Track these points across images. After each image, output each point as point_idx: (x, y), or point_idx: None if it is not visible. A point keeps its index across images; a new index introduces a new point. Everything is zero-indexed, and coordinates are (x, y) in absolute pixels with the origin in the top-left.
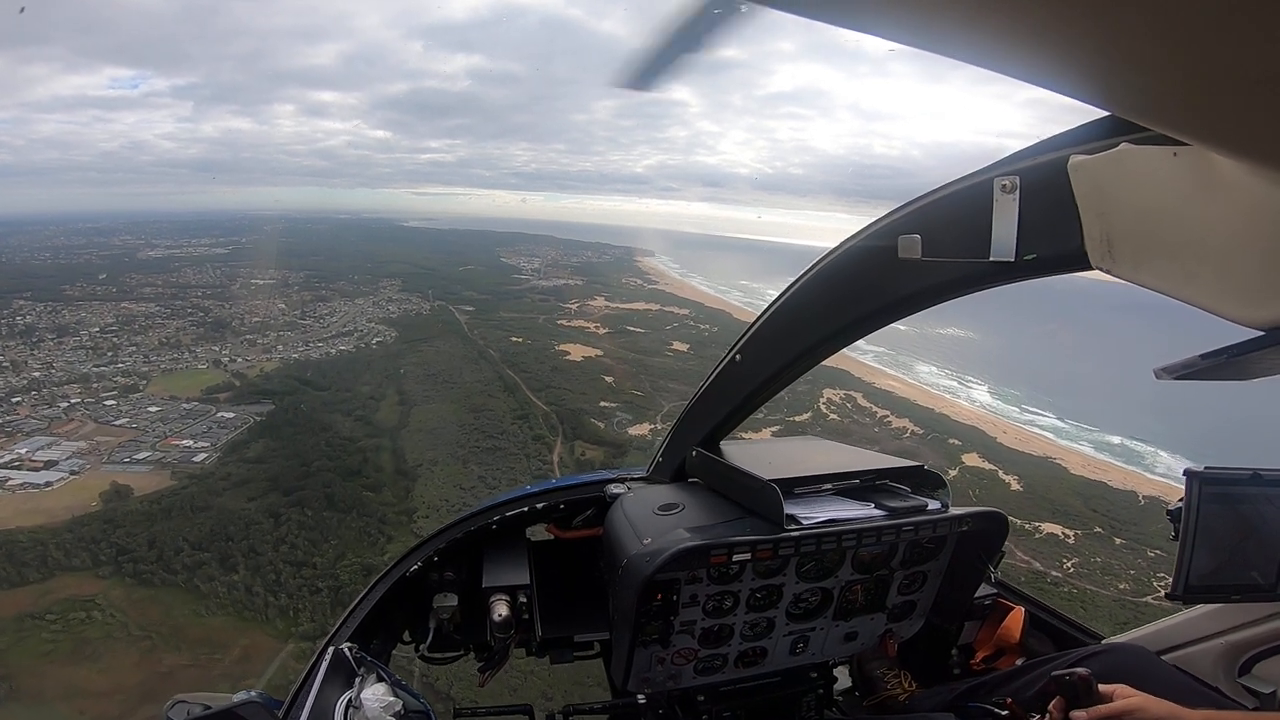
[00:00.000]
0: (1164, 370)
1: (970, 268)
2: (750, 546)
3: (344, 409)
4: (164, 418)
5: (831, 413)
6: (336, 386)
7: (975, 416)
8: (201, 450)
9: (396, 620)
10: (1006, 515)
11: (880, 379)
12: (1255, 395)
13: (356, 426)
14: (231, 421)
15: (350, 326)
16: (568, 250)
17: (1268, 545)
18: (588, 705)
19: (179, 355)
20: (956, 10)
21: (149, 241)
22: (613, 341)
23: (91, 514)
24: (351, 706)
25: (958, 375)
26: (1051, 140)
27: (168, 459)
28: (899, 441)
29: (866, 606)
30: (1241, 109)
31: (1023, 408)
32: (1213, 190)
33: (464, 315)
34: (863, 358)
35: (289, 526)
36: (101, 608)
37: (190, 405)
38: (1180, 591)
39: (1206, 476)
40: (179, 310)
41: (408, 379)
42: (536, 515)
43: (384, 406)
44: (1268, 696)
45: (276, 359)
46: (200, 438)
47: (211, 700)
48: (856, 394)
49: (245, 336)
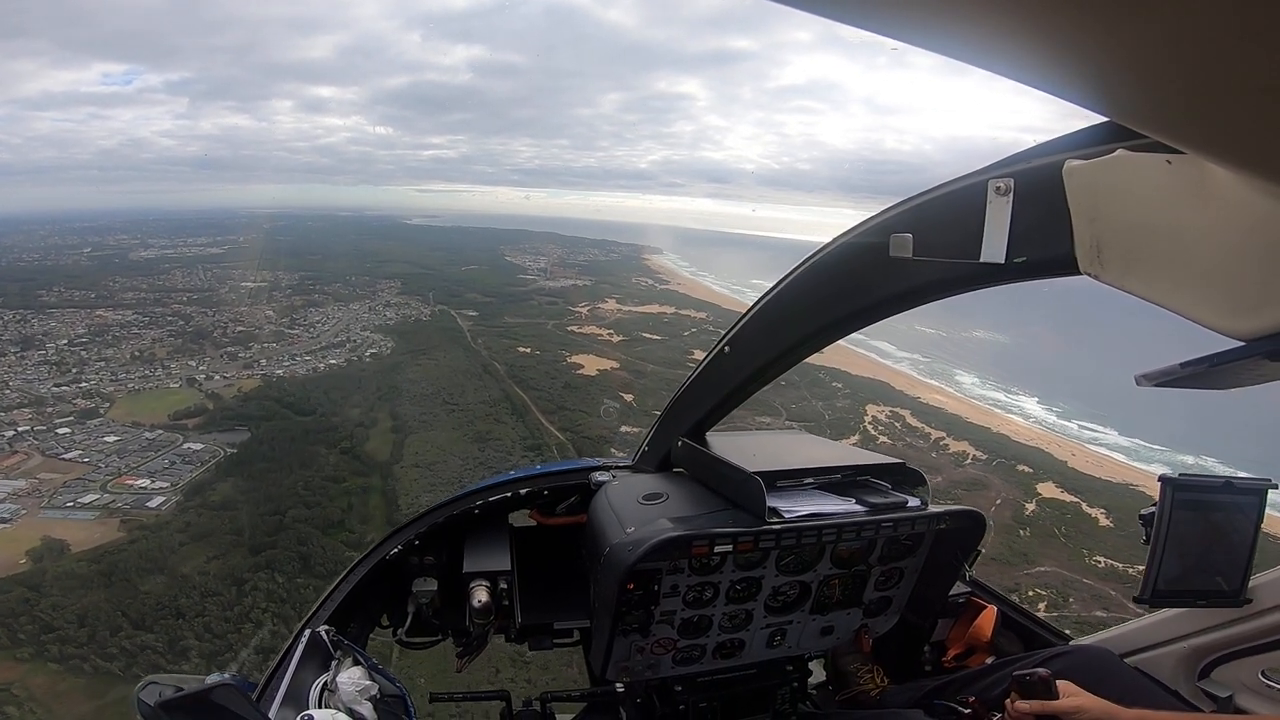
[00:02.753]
0: (1144, 377)
1: (960, 269)
2: (732, 538)
3: (329, 439)
4: (122, 449)
5: (880, 433)
6: (323, 410)
7: (1035, 435)
8: (159, 492)
9: (375, 604)
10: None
11: (924, 392)
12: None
13: (342, 463)
14: (198, 455)
15: (342, 336)
16: (573, 248)
17: (1234, 552)
18: (565, 693)
19: (151, 372)
20: (960, 11)
21: (144, 240)
22: (628, 351)
23: (16, 576)
24: (327, 689)
25: (1002, 386)
26: (1048, 144)
27: (118, 503)
28: (963, 469)
29: (843, 601)
30: (1243, 118)
31: (1079, 423)
32: (1204, 200)
33: (467, 321)
34: (897, 365)
35: (255, 597)
36: (18, 700)
37: (154, 434)
38: (1148, 595)
39: (1180, 483)
40: (158, 319)
41: (403, 399)
42: (520, 501)
43: (375, 435)
44: (1224, 700)
45: (258, 376)
46: (159, 476)
47: (183, 682)
48: (904, 411)
49: (226, 349)
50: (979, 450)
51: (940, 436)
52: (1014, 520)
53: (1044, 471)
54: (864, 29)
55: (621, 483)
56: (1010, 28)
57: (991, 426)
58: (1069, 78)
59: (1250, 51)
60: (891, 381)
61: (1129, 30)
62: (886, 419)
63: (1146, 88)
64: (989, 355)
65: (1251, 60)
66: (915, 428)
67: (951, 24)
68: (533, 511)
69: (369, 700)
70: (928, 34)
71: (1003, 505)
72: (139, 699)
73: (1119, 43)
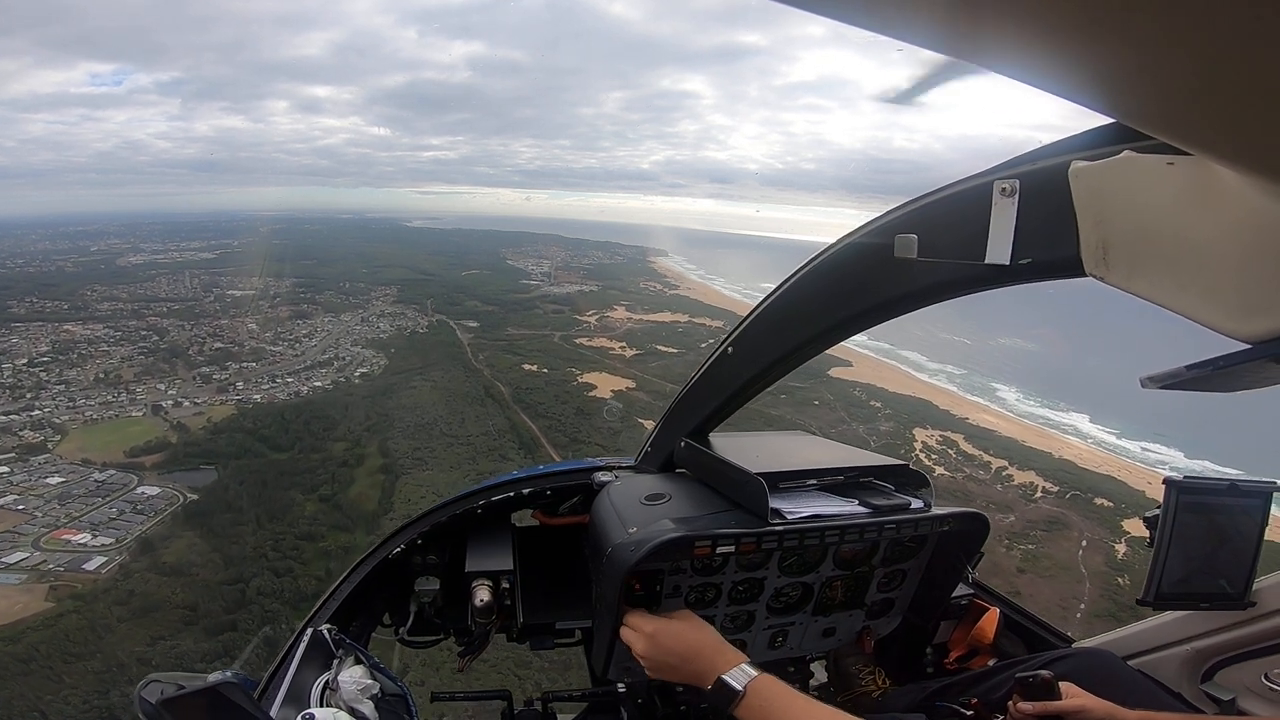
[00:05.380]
0: (1150, 380)
1: (965, 270)
2: (734, 539)
3: (307, 482)
4: (65, 494)
5: (935, 463)
6: (302, 444)
7: (1100, 460)
8: (100, 550)
9: (377, 603)
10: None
11: (970, 411)
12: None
13: (321, 514)
14: (152, 503)
15: (330, 353)
16: (576, 251)
17: (1238, 555)
18: (566, 692)
19: (114, 397)
20: (963, 13)
21: (135, 245)
22: (643, 368)
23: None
24: (328, 688)
25: (1046, 401)
26: (1054, 145)
27: (50, 564)
28: (1035, 505)
29: (846, 603)
30: (1251, 120)
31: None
32: (1212, 201)
33: (467, 334)
34: (934, 380)
35: None
36: None
37: (105, 475)
38: (1151, 597)
39: (1185, 485)
40: (131, 334)
41: (395, 431)
42: (523, 501)
43: (361, 477)
44: (1227, 703)
45: (232, 402)
46: (104, 529)
47: (186, 680)
48: (955, 435)
49: (200, 369)
50: (1047, 481)
51: (1001, 465)
52: (1108, 566)
53: (1125, 505)
54: (868, 30)
55: (624, 483)
56: (1015, 30)
57: (1052, 451)
58: (1074, 79)
59: (1258, 52)
60: (933, 399)
61: (1135, 32)
62: (938, 445)
63: (1153, 89)
64: (1022, 365)
65: (1259, 62)
66: (972, 455)
67: (954, 25)
68: (535, 511)
69: (370, 699)
70: (931, 35)
71: (1090, 548)
72: (140, 697)
73: (1125, 44)
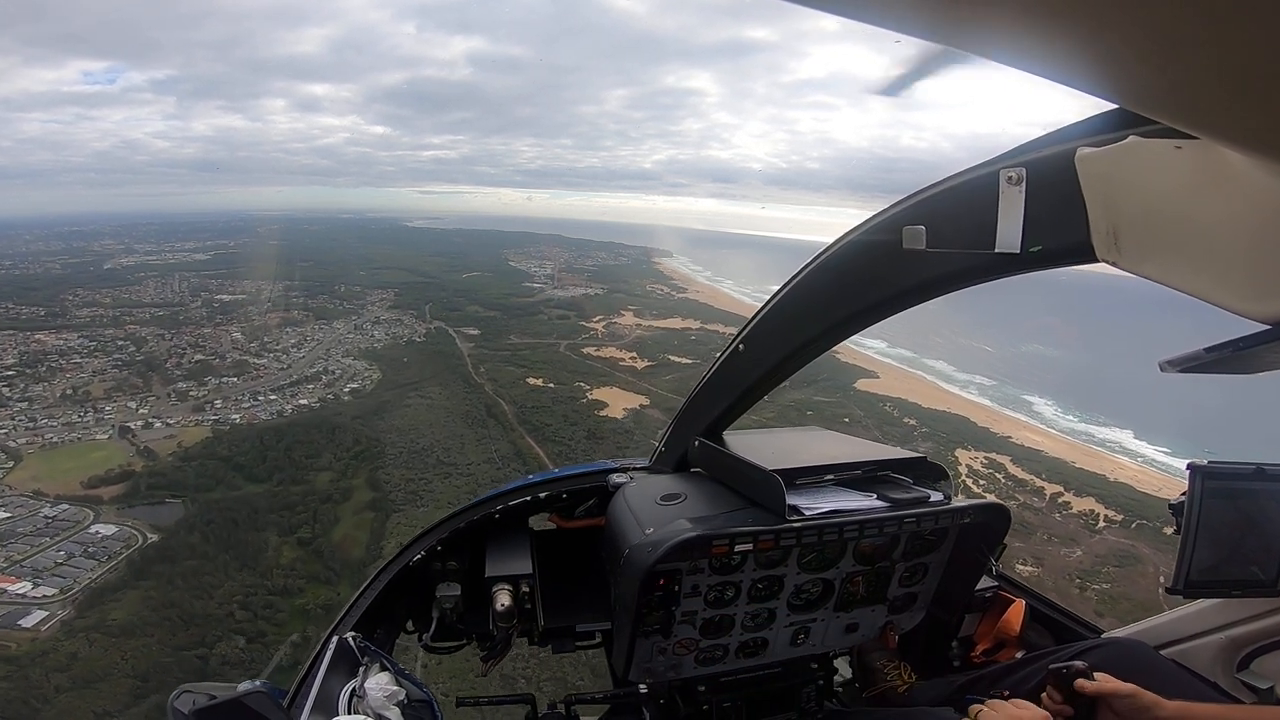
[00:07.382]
0: (1169, 363)
1: (975, 259)
2: (752, 537)
3: (286, 522)
4: (9, 531)
5: (986, 489)
6: (281, 474)
7: (1158, 482)
8: (42, 603)
9: (399, 610)
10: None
11: (1011, 429)
12: None
13: (300, 561)
14: (106, 545)
15: (319, 365)
16: (579, 251)
17: (1269, 540)
18: (589, 695)
19: (79, 416)
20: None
21: (129, 246)
22: (656, 381)
23: None
24: (355, 695)
25: (1085, 415)
26: (1059, 132)
27: None
28: (1099, 536)
29: (867, 598)
30: (1256, 103)
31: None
32: (1220, 184)
33: (467, 343)
34: (965, 392)
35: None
36: None
37: (57, 509)
38: (1181, 586)
39: (1210, 471)
40: (106, 343)
41: (386, 460)
42: (539, 505)
43: (347, 514)
44: (1265, 692)
45: (208, 423)
46: (48, 576)
47: (217, 690)
48: (1002, 458)
49: (176, 385)
50: (1109, 508)
51: (1057, 491)
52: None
53: None
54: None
55: (639, 484)
56: (1017, 17)
57: (1107, 474)
58: (1078, 66)
59: (1262, 34)
60: (969, 415)
61: (1139, 15)
62: (984, 468)
63: (1159, 74)
64: (1050, 374)
65: (1264, 43)
66: (1023, 480)
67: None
68: (552, 515)
69: (397, 705)
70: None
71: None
72: (173, 707)
73: (1129, 28)
